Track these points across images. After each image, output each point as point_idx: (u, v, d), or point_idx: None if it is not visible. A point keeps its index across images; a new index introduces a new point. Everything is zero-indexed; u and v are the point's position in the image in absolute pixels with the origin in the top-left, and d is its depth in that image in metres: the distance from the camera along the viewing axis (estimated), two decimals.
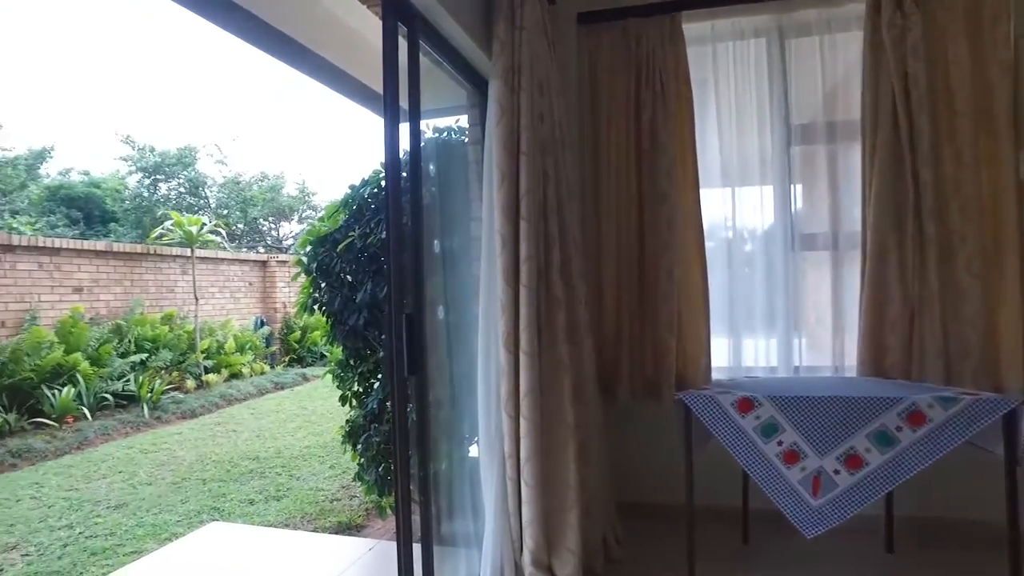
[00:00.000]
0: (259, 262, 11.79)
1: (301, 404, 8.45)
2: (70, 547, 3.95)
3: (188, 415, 7.74)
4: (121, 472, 5.47)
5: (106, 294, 8.57)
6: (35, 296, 7.64)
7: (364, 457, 3.51)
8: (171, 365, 8.65)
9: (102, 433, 6.73)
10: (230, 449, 6.15)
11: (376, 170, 3.73)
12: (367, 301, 3.37)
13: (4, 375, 6.74)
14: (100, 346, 7.82)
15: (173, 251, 9.64)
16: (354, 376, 3.70)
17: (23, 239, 7.55)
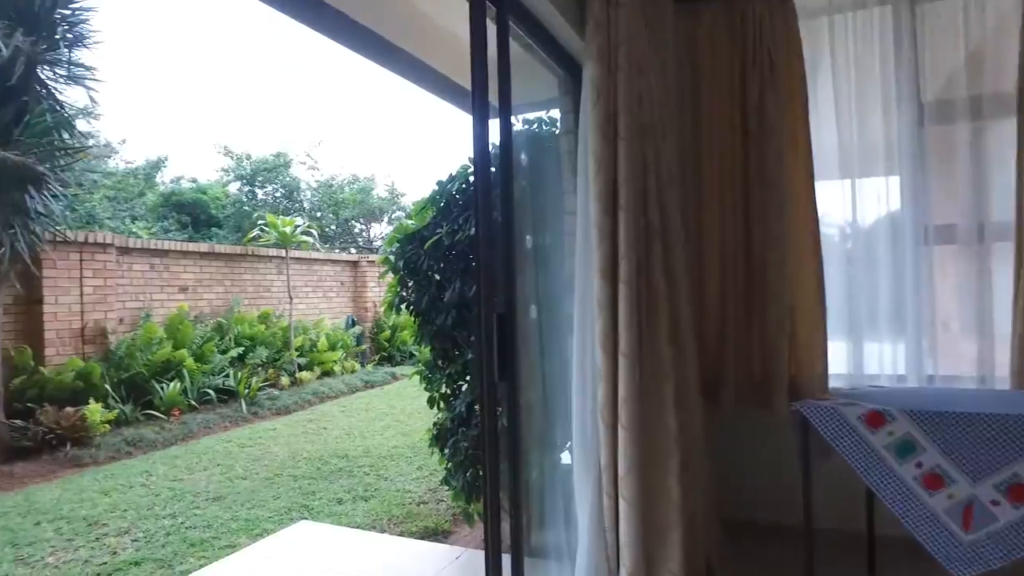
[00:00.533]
0: (350, 262, 12.08)
1: (390, 403, 8.54)
2: (172, 536, 4.07)
3: (282, 411, 7.97)
4: (219, 465, 5.65)
5: (208, 293, 8.99)
6: (148, 295, 8.09)
7: (452, 462, 3.40)
8: (267, 362, 8.96)
9: (204, 426, 7.02)
10: (321, 447, 6.25)
11: (464, 165, 3.63)
12: (455, 300, 3.26)
13: (122, 369, 7.16)
14: (203, 343, 8.18)
15: (269, 252, 10.00)
16: (442, 378, 3.60)
17: (137, 242, 8.02)
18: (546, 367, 2.67)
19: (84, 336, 7.15)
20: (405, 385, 9.98)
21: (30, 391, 6.45)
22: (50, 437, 5.90)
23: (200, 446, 6.36)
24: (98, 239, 7.35)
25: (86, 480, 5.31)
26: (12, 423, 6.01)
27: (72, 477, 5.41)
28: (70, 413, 6.12)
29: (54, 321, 6.88)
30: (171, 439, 6.53)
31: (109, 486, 5.09)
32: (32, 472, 5.53)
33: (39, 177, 5.45)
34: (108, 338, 7.32)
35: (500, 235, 2.15)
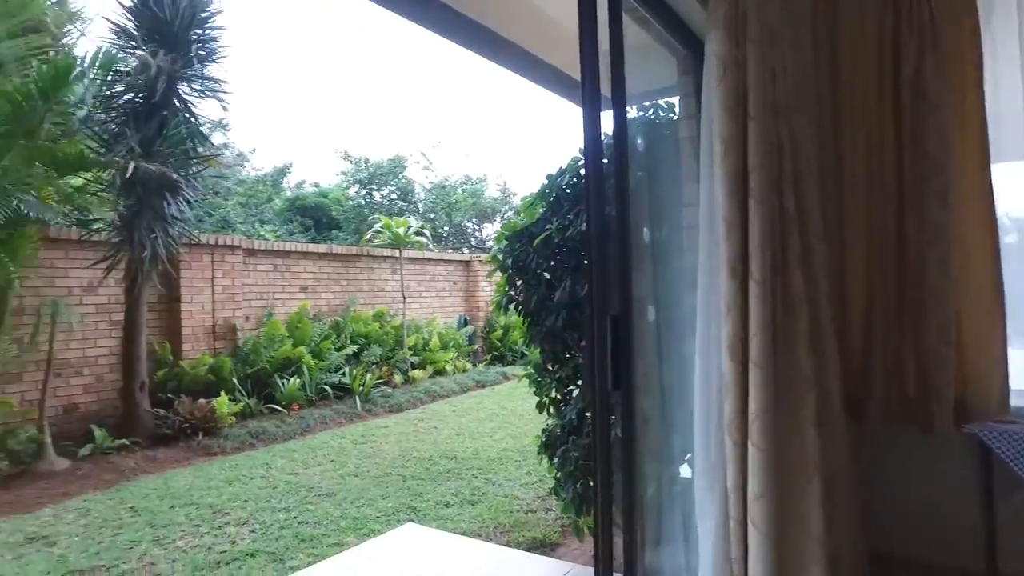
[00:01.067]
0: (463, 262, 12.20)
1: (500, 403, 8.49)
2: (285, 530, 4.15)
3: (395, 409, 8.10)
4: (333, 461, 5.78)
5: (326, 292, 9.33)
6: (271, 294, 8.51)
7: (561, 471, 3.21)
8: (381, 360, 9.17)
9: (320, 422, 7.25)
10: (431, 446, 6.25)
11: (575, 157, 3.43)
12: (566, 300, 3.07)
13: (247, 364, 7.55)
14: (321, 341, 8.49)
15: (384, 252, 10.26)
16: (551, 382, 3.41)
17: (262, 244, 8.45)
18: (663, 373, 2.41)
19: (215, 333, 7.60)
20: (516, 386, 9.90)
21: (170, 383, 6.92)
22: (185, 426, 6.29)
23: (316, 441, 6.56)
24: (227, 242, 7.80)
25: (214, 468, 5.59)
26: (156, 412, 6.47)
27: (203, 465, 5.72)
28: (202, 405, 6.50)
29: (190, 318, 7.36)
30: (290, 433, 6.79)
31: (233, 476, 5.32)
32: (170, 458, 5.91)
33: (175, 185, 5.82)
34: (236, 335, 7.75)
35: (614, 230, 1.93)
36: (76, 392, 6.60)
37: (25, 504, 4.81)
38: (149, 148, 5.70)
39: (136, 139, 5.62)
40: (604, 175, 2.03)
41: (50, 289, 6.33)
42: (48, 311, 5.67)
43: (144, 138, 5.70)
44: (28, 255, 5.68)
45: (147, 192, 5.72)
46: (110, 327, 6.81)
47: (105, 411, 6.72)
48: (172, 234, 6.03)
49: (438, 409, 8.19)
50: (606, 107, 2.13)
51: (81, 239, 6.49)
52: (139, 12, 6.18)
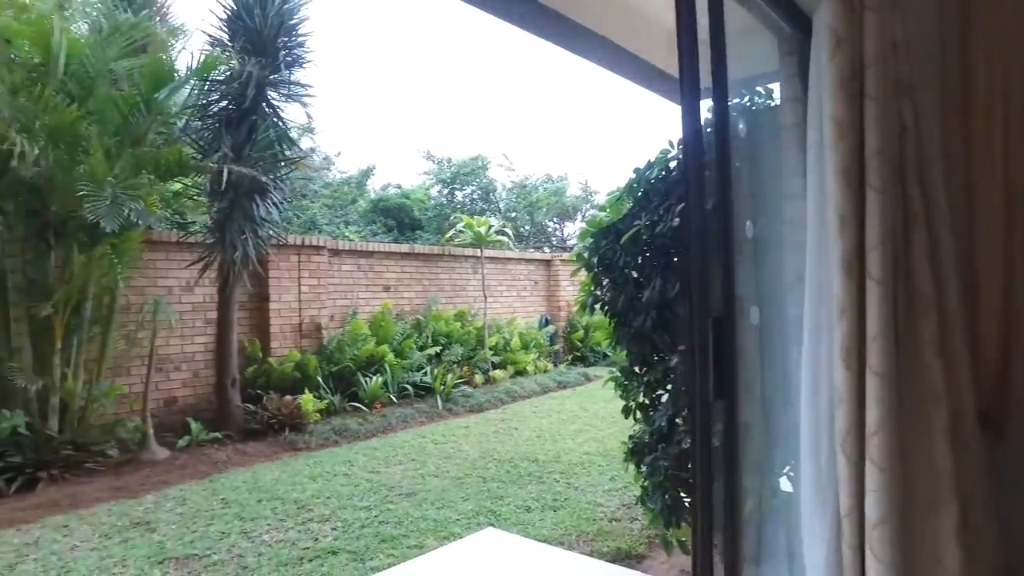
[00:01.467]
0: (544, 261, 12.10)
1: (582, 405, 8.31)
2: (366, 529, 4.16)
3: (475, 409, 8.08)
4: (414, 460, 5.79)
5: (408, 292, 9.45)
6: (355, 293, 8.68)
7: (649, 481, 3.03)
8: (461, 360, 9.19)
9: (401, 420, 7.31)
10: (511, 448, 6.17)
11: (664, 150, 3.24)
12: (655, 300, 2.89)
13: (332, 362, 7.73)
14: (403, 340, 8.59)
15: (465, 252, 10.29)
16: (639, 386, 3.24)
17: (346, 244, 8.64)
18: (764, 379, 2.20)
19: (301, 331, 7.81)
20: (598, 387, 9.70)
21: (259, 379, 7.16)
22: (273, 422, 6.48)
23: (397, 439, 6.60)
24: (313, 242, 8.02)
25: (299, 464, 5.71)
26: (246, 407, 6.70)
27: (288, 460, 5.86)
28: (289, 401, 6.68)
29: (278, 317, 7.60)
30: (372, 431, 6.87)
31: (317, 472, 5.41)
32: (259, 452, 6.09)
33: (264, 187, 6.01)
34: (321, 333, 7.94)
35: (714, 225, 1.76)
36: (175, 386, 6.93)
37: (131, 490, 5.06)
38: (240, 152, 5.91)
39: (228, 144, 5.84)
40: (704, 167, 1.86)
41: (153, 289, 6.68)
42: (150, 309, 5.96)
43: (235, 143, 5.91)
44: (134, 257, 6.00)
45: (238, 195, 5.92)
46: (205, 325, 7.11)
47: (200, 405, 7.03)
48: (261, 235, 6.23)
49: (519, 410, 8.11)
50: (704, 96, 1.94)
51: (179, 241, 6.82)
52: (232, 23, 6.41)
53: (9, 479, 5.00)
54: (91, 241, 5.38)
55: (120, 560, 3.78)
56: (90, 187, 4.76)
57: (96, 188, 4.77)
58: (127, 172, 5.18)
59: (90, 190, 4.75)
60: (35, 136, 4.77)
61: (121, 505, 4.70)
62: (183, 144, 5.76)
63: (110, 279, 5.78)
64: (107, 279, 5.82)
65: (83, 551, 3.92)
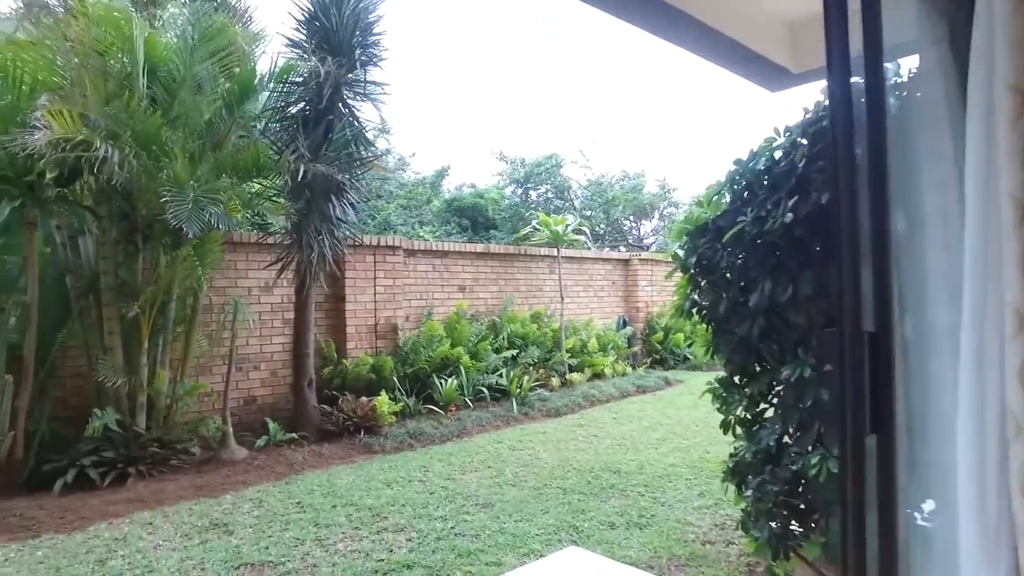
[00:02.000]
0: (621, 260, 11.72)
1: (664, 411, 7.92)
2: (442, 541, 3.98)
3: (552, 413, 7.83)
4: (490, 467, 5.59)
5: (484, 292, 9.29)
6: (430, 294, 8.60)
7: (754, 506, 2.69)
8: (538, 362, 8.95)
9: (477, 424, 7.14)
10: (591, 456, 5.88)
11: (769, 138, 2.91)
12: (763, 305, 2.55)
13: (407, 364, 7.65)
14: (478, 341, 8.43)
15: (541, 251, 10.06)
16: (740, 399, 2.90)
17: (421, 244, 8.56)
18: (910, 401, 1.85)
19: (377, 332, 7.78)
20: (680, 392, 9.28)
21: (335, 380, 7.16)
22: (348, 424, 6.44)
23: (473, 444, 6.43)
24: (388, 242, 7.97)
25: (374, 467, 5.62)
26: (322, 408, 6.70)
27: (363, 463, 5.78)
28: (364, 403, 6.63)
29: (353, 317, 7.59)
30: (447, 435, 6.73)
31: (392, 477, 5.30)
32: (334, 454, 6.06)
33: (340, 187, 5.96)
34: (397, 334, 7.88)
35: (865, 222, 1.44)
36: (254, 385, 7.02)
37: (212, 489, 5.09)
38: (317, 152, 5.88)
39: (305, 144, 5.81)
40: (855, 154, 1.54)
41: (233, 289, 6.78)
42: (231, 310, 6.03)
43: (312, 143, 5.88)
44: (215, 258, 6.08)
45: (314, 195, 5.90)
46: (283, 325, 7.17)
47: (278, 404, 7.10)
48: (337, 236, 6.19)
49: (597, 415, 7.80)
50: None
51: (259, 242, 6.90)
52: (309, 23, 6.40)
53: (103, 473, 5.14)
54: (175, 243, 5.46)
55: (199, 563, 3.75)
56: (173, 191, 4.80)
57: (179, 192, 4.80)
58: (208, 175, 5.22)
59: (173, 194, 4.79)
60: (122, 143, 4.85)
61: (202, 504, 4.72)
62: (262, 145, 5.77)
63: (193, 280, 5.88)
64: (190, 280, 5.92)
65: (165, 551, 3.92)
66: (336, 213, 6.01)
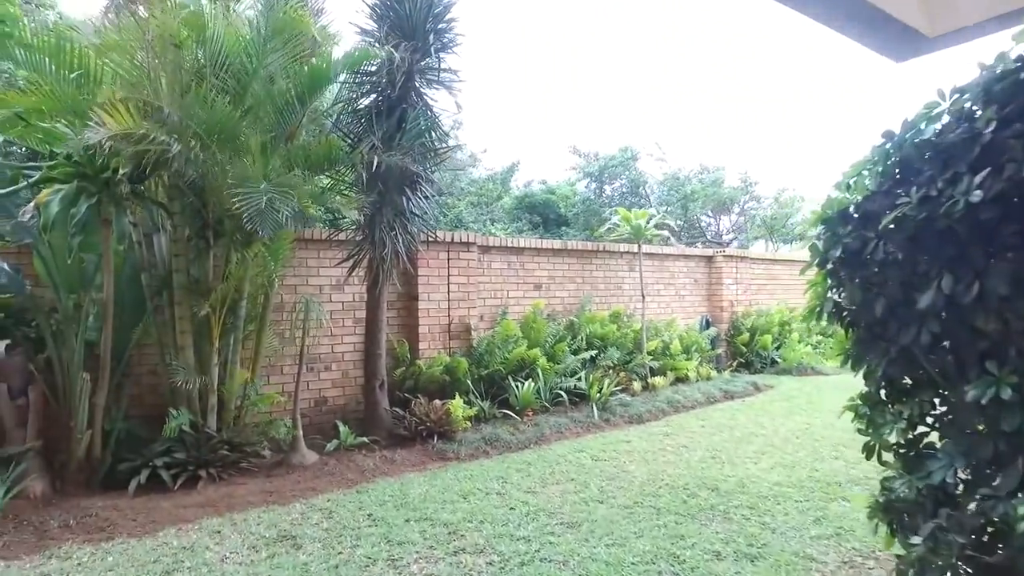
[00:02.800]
0: (704, 257, 11.03)
1: (757, 420, 7.28)
2: (527, 568, 3.57)
3: (635, 420, 7.32)
4: (573, 480, 5.16)
5: (560, 291, 8.85)
6: (505, 292, 8.23)
7: (924, 557, 2.16)
8: (617, 364, 8.45)
9: (555, 430, 6.72)
10: (684, 470, 5.36)
11: (930, 103, 2.37)
12: (939, 306, 2.02)
13: (481, 365, 7.31)
14: (556, 342, 8.00)
15: (620, 247, 9.53)
16: (894, 419, 2.37)
17: (495, 240, 8.20)
18: None
19: (450, 332, 7.47)
20: (771, 398, 8.57)
21: (407, 382, 6.89)
22: (421, 428, 6.14)
23: (552, 453, 6.01)
24: (463, 238, 7.63)
25: (448, 476, 5.29)
26: (394, 411, 6.43)
27: (437, 471, 5.46)
28: (438, 406, 6.32)
29: (426, 317, 7.29)
30: (524, 442, 6.33)
31: (468, 489, 4.94)
32: (407, 461, 5.76)
33: (414, 179, 5.65)
34: (471, 334, 7.55)
35: None
36: (325, 386, 6.83)
37: (281, 495, 4.88)
38: (390, 143, 5.58)
39: (378, 136, 5.53)
40: None
41: (304, 287, 6.60)
42: (302, 308, 5.82)
43: (385, 134, 5.59)
44: (286, 255, 5.91)
45: (387, 188, 5.61)
46: (354, 324, 6.95)
47: (349, 406, 6.88)
48: (411, 231, 5.89)
49: (684, 423, 7.24)
50: None
51: (330, 239, 6.69)
52: (381, 8, 6.13)
53: (175, 475, 5.01)
54: (246, 240, 5.28)
55: None
56: (245, 188, 4.58)
57: (251, 188, 4.59)
58: (279, 170, 5.00)
59: (245, 191, 4.57)
60: (194, 136, 4.68)
61: (271, 513, 4.49)
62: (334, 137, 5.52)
63: (264, 278, 5.70)
64: (261, 278, 5.75)
65: (231, 564, 3.69)
66: (410, 207, 5.71)
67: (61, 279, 4.91)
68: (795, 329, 11.23)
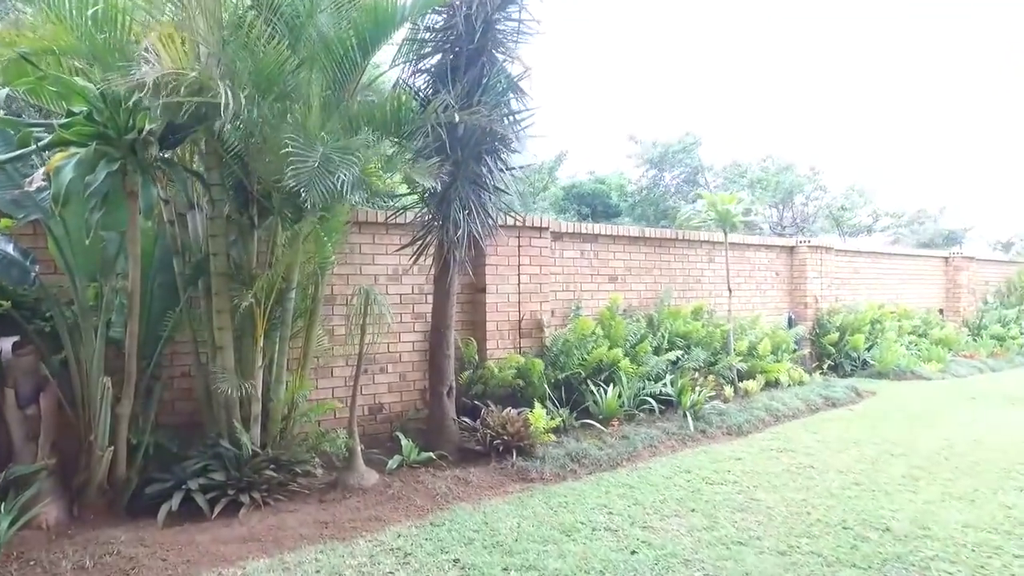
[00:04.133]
0: (786, 248, 9.93)
1: (879, 434, 6.22)
2: None
3: (734, 431, 6.31)
4: (693, 510, 4.20)
5: (636, 283, 7.86)
6: (577, 284, 7.27)
7: None
8: (703, 366, 7.44)
9: (647, 444, 5.74)
10: (828, 500, 4.36)
11: None
12: None
13: (556, 368, 6.37)
14: (637, 342, 7.02)
15: (700, 236, 8.51)
16: None
17: (568, 226, 7.20)
18: None
19: (520, 329, 6.53)
20: (880, 406, 7.49)
21: (475, 387, 5.97)
22: (497, 442, 5.20)
23: (653, 473, 5.05)
24: (535, 223, 6.66)
25: (538, 504, 4.37)
26: (462, 421, 5.52)
27: (523, 497, 4.53)
28: (515, 417, 5.39)
29: (495, 312, 6.37)
30: (615, 458, 5.38)
31: (568, 522, 4.01)
32: (483, 482, 4.84)
33: (495, 147, 4.69)
34: (543, 332, 6.61)
35: None
36: (381, 391, 5.94)
37: (340, 527, 4.00)
38: (468, 103, 4.64)
39: (453, 94, 4.58)
40: None
41: (357, 277, 5.71)
42: (360, 301, 4.87)
43: (461, 92, 4.64)
44: (341, 238, 5.03)
45: (464, 157, 4.67)
46: (413, 319, 6.06)
47: (407, 413, 5.99)
48: (490, 209, 4.94)
49: (792, 435, 6.21)
50: None
51: (387, 222, 5.80)
52: None
53: (212, 499, 4.16)
54: (296, 216, 4.40)
55: None
56: (299, 144, 3.69)
57: (306, 146, 3.69)
58: (338, 132, 4.10)
59: (297, 148, 3.68)
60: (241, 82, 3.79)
61: (329, 552, 3.60)
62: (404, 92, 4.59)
63: (316, 263, 4.83)
64: (311, 264, 4.87)
65: None
66: (492, 180, 4.76)
67: (78, 264, 4.07)
68: (889, 329, 10.10)
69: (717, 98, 27.96)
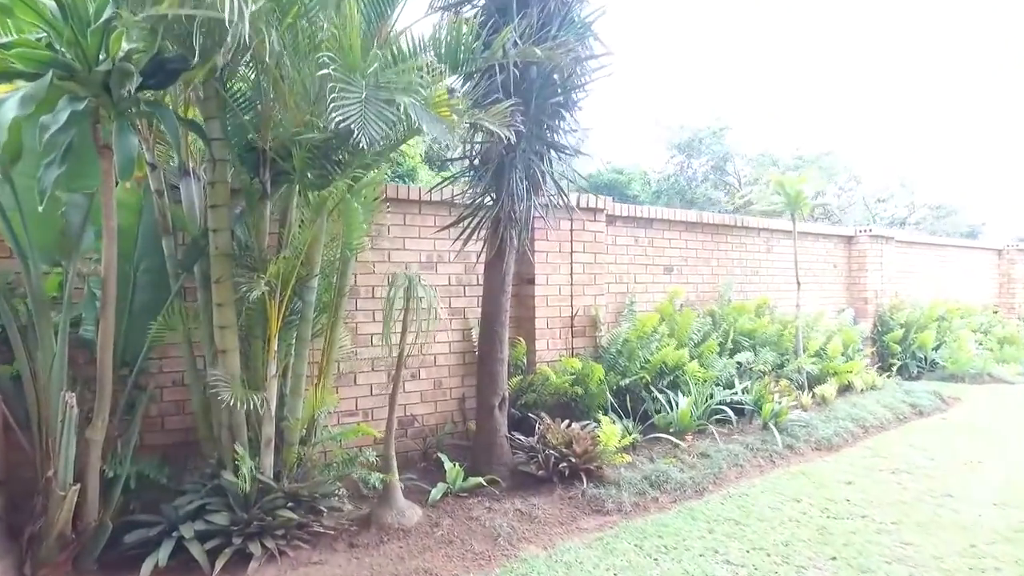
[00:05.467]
0: (844, 237, 8.98)
1: (995, 448, 5.31)
2: None
3: (823, 446, 5.37)
4: (835, 558, 3.26)
5: (693, 275, 6.91)
6: (631, 275, 6.31)
7: None
8: (771, 369, 6.50)
9: (732, 463, 4.80)
10: (999, 542, 3.43)
11: None
12: None
13: (616, 371, 5.40)
14: (701, 341, 6.08)
15: (759, 223, 7.57)
16: None
17: (624, 208, 6.21)
18: None
19: (573, 326, 5.56)
20: (978, 415, 6.57)
21: (525, 395, 5.00)
22: (562, 464, 4.25)
23: (754, 502, 4.11)
24: (588, 203, 5.67)
25: (627, 548, 3.43)
26: (514, 438, 4.56)
27: (605, 537, 3.59)
28: (580, 433, 4.43)
29: (544, 306, 5.39)
30: (700, 481, 4.43)
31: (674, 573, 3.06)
32: (551, 517, 3.88)
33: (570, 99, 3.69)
34: (598, 330, 5.65)
35: None
36: (412, 400, 4.96)
37: None
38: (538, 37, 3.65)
39: (518, 30, 3.60)
40: None
41: (384, 264, 4.74)
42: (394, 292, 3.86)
43: (529, 25, 3.65)
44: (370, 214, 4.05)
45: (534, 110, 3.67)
46: (450, 316, 5.09)
47: (443, 426, 5.03)
48: (557, 179, 3.96)
49: (893, 450, 5.28)
50: None
51: (421, 200, 4.83)
52: None
53: (212, 549, 3.18)
54: (322, 180, 3.41)
55: None
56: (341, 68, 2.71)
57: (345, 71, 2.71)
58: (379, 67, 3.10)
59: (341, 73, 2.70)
60: None
61: None
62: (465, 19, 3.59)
63: (343, 243, 3.84)
64: (335, 246, 3.90)
65: None
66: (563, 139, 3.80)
67: (33, 240, 3.07)
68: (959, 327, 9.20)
69: (742, 91, 27.23)
